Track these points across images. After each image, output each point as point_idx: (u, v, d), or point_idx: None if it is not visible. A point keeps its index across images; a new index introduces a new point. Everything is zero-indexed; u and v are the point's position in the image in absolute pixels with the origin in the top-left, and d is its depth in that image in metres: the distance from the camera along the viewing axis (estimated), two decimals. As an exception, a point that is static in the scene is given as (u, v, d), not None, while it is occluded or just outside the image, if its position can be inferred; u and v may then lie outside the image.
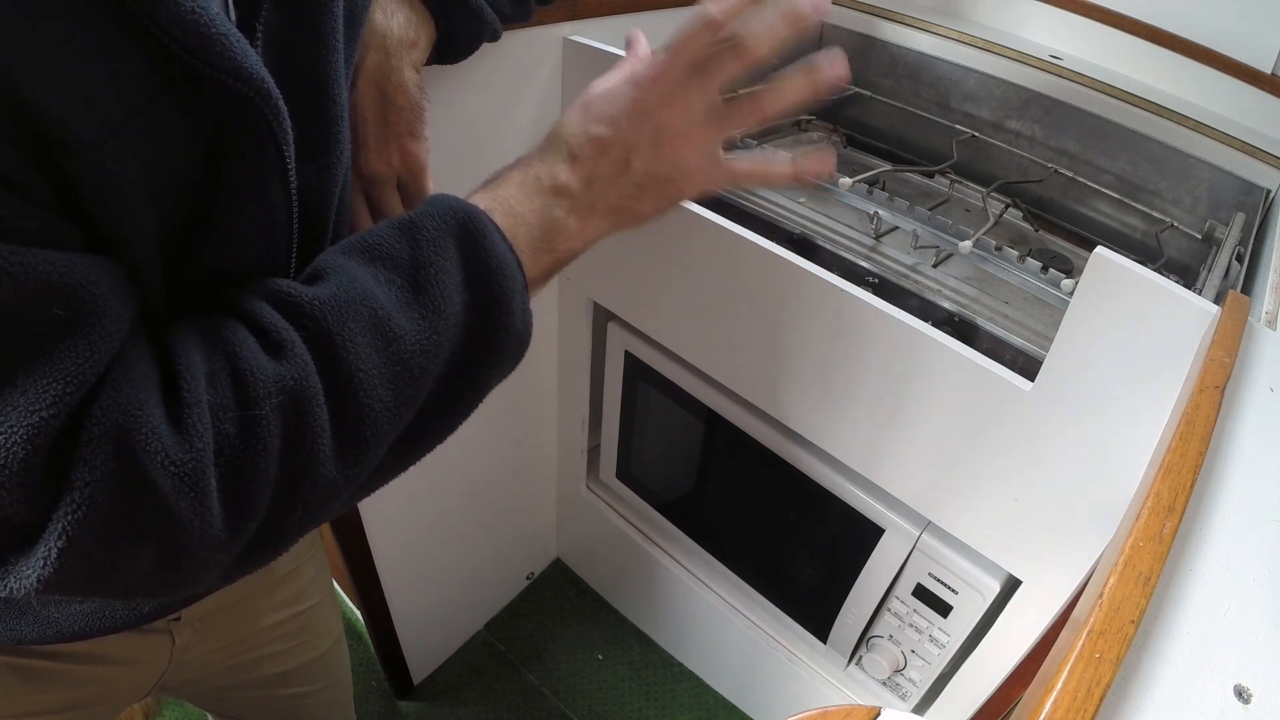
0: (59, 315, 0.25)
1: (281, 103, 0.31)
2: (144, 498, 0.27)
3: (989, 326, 0.68)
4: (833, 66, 0.42)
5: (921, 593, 0.78)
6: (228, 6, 0.32)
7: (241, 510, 0.29)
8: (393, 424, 0.34)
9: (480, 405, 0.39)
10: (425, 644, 1.16)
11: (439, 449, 0.39)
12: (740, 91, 0.44)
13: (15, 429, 0.24)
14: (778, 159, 0.47)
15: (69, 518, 0.25)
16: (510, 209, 0.40)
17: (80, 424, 0.26)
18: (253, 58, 0.29)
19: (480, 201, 0.40)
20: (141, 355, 0.28)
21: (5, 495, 0.25)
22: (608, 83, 0.43)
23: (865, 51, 1.07)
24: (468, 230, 0.37)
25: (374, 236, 0.36)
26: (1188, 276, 0.84)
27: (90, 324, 0.26)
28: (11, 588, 0.26)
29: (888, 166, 0.90)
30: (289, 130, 0.32)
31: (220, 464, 0.28)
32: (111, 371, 0.27)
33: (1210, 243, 0.81)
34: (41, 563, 0.26)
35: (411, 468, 0.38)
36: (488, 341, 0.37)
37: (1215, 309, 0.47)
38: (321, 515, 0.33)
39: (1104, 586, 0.30)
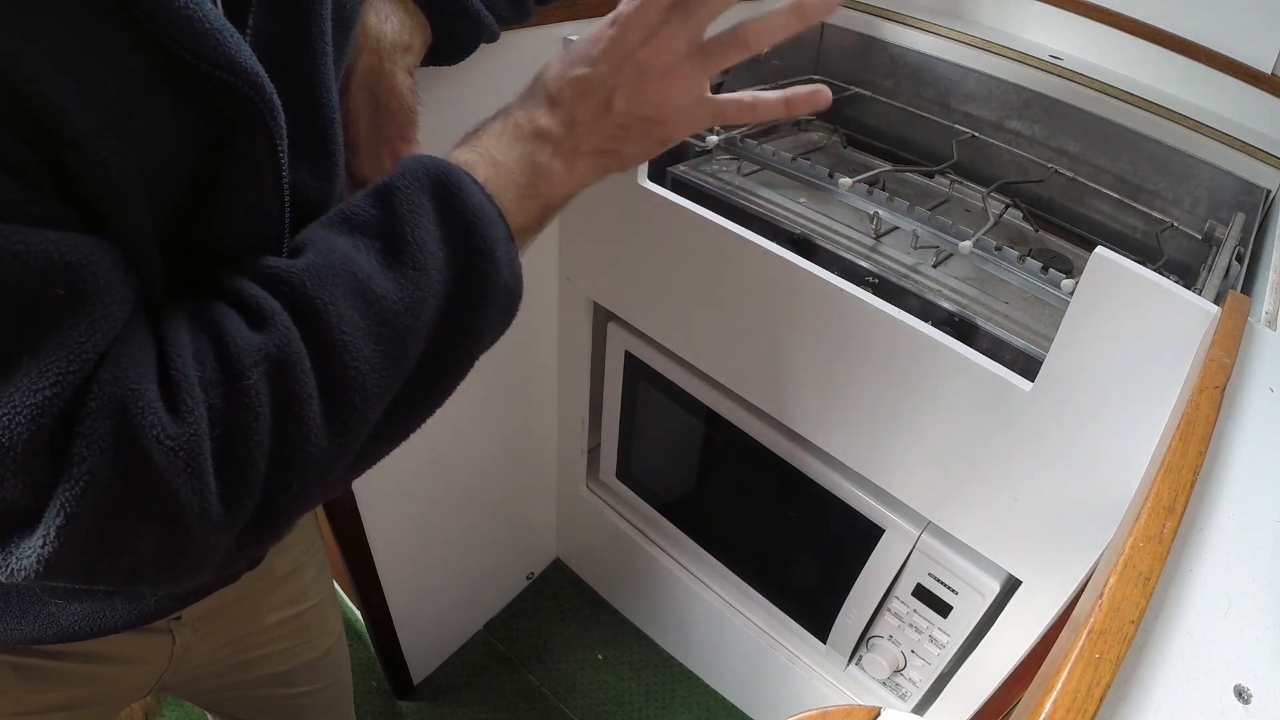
0: (61, 295, 0.25)
1: (276, 97, 0.31)
2: (140, 474, 0.27)
3: (989, 326, 0.67)
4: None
5: (921, 593, 0.78)
6: (217, 8, 0.32)
7: (237, 485, 0.29)
8: (382, 387, 0.34)
9: (480, 400, 0.39)
10: (425, 644, 1.16)
11: (440, 450, 0.39)
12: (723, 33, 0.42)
13: (19, 409, 0.24)
14: (769, 95, 0.45)
15: (67, 494, 0.25)
16: (493, 159, 0.40)
17: (80, 400, 0.26)
18: (247, 53, 0.29)
19: (462, 155, 0.39)
20: (141, 336, 0.28)
21: (10, 476, 0.25)
22: (591, 29, 0.42)
23: (865, 51, 1.07)
24: (442, 185, 0.36)
25: (350, 207, 0.35)
26: (1188, 276, 0.84)
27: (92, 303, 0.26)
28: (13, 569, 0.26)
29: (888, 166, 0.90)
30: (283, 125, 0.32)
31: (214, 438, 0.28)
32: (110, 349, 0.27)
33: (1210, 243, 0.81)
34: (41, 542, 0.26)
35: (412, 468, 0.38)
36: (474, 294, 0.37)
37: (1215, 309, 0.47)
38: (318, 489, 0.33)
39: (1104, 586, 0.30)
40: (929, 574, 0.75)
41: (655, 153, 0.45)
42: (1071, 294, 0.52)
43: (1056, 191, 0.95)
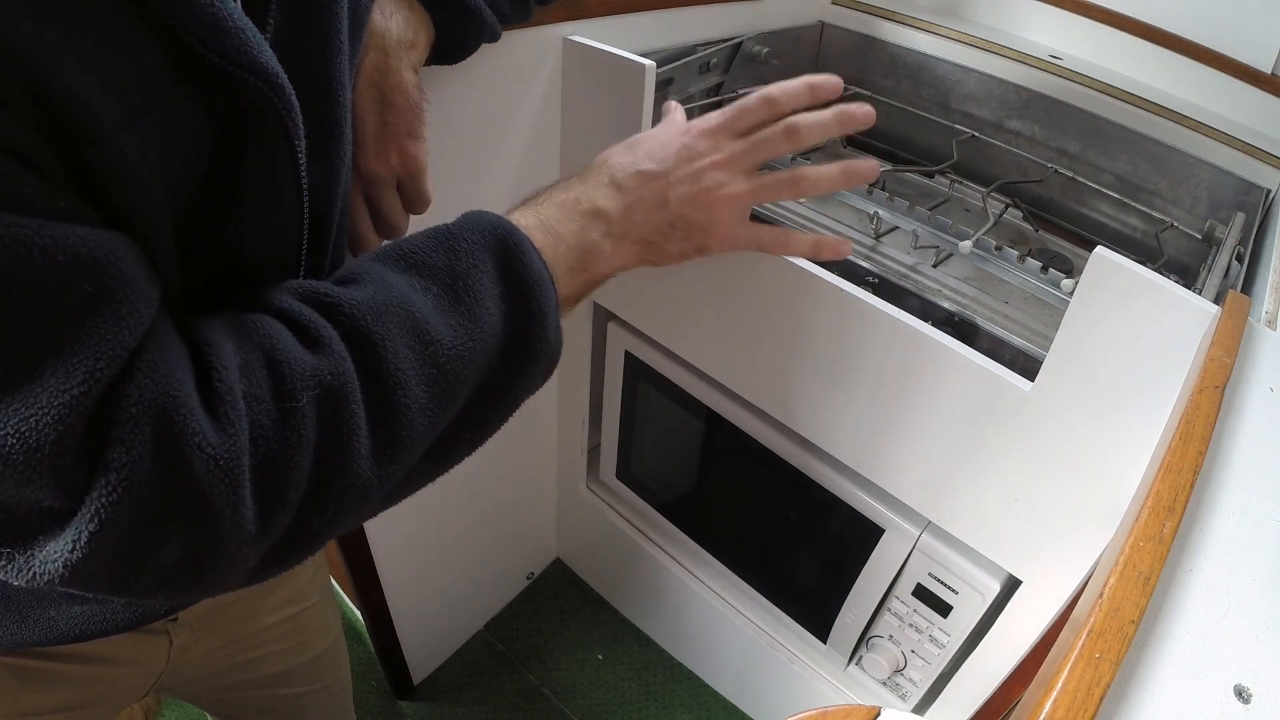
0: (87, 290, 0.25)
1: (294, 98, 0.31)
2: (179, 483, 0.26)
3: (989, 326, 0.67)
4: (868, 166, 0.50)
5: (921, 593, 0.77)
6: (238, 6, 0.32)
7: (274, 504, 0.29)
8: (428, 427, 0.34)
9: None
10: (425, 644, 1.16)
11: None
12: (780, 168, 0.50)
13: (46, 410, 0.23)
14: (800, 235, 0.53)
15: (103, 499, 0.25)
16: (550, 228, 0.42)
17: (116, 403, 0.25)
18: (268, 53, 0.29)
19: (522, 219, 0.41)
20: (173, 339, 0.28)
21: (37, 478, 0.24)
22: (657, 130, 0.48)
23: (865, 51, 1.07)
24: (505, 246, 0.37)
25: (410, 245, 0.36)
26: (1188, 276, 0.84)
27: (119, 299, 0.25)
28: (36, 573, 0.26)
29: (888, 166, 0.90)
30: (300, 125, 0.32)
31: (255, 454, 0.28)
32: (145, 351, 0.26)
33: (1210, 243, 0.81)
34: (70, 546, 0.25)
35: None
36: (523, 354, 0.38)
37: (1215, 309, 0.47)
38: (352, 517, 0.33)
39: (1104, 586, 0.30)
40: (929, 574, 0.75)
41: (692, 257, 0.49)
42: (1071, 294, 0.52)
43: (1056, 191, 0.95)
